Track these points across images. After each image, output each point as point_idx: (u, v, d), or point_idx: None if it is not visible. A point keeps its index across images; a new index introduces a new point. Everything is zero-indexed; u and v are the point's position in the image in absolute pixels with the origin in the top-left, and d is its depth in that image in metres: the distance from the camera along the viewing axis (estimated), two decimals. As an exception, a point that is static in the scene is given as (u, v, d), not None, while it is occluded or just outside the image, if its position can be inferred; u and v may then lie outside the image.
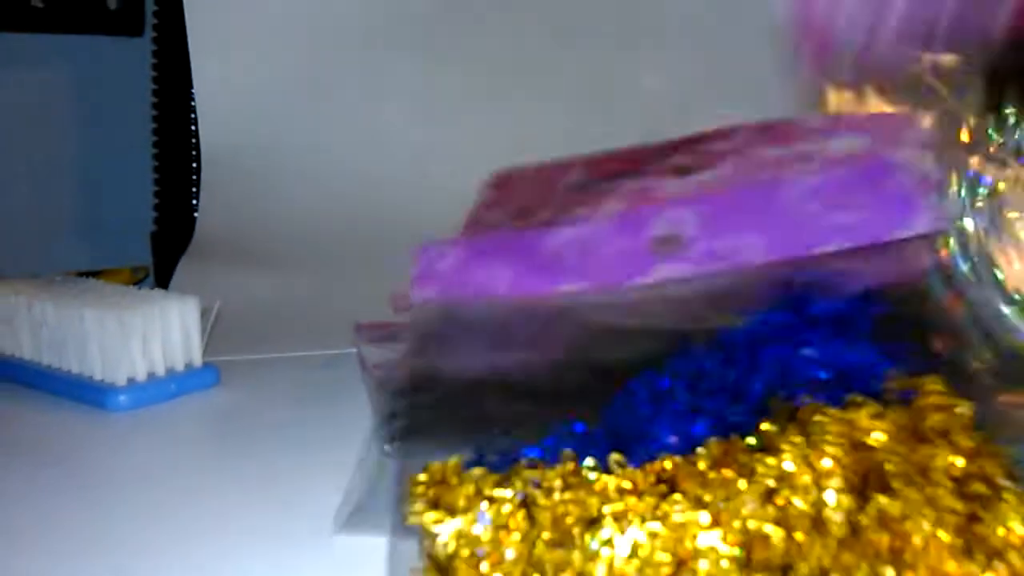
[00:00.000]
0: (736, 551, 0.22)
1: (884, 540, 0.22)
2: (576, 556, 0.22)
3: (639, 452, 0.27)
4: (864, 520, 0.22)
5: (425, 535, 0.23)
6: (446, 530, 0.23)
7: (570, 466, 0.24)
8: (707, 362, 0.29)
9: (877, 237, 0.33)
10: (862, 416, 0.25)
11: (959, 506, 0.22)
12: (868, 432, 0.24)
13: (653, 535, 0.22)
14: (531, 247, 0.37)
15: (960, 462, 0.23)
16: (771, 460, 0.23)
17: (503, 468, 0.24)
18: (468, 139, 0.71)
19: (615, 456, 0.24)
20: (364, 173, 0.70)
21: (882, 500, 0.23)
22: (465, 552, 0.23)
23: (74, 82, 0.74)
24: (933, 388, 0.26)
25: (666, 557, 0.22)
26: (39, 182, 0.73)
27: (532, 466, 0.24)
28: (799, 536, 0.22)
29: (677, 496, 0.23)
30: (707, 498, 0.23)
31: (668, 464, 0.24)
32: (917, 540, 0.22)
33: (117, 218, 0.75)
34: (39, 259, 0.71)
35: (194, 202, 0.68)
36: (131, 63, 0.72)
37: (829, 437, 0.24)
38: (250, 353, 0.47)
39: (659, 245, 0.35)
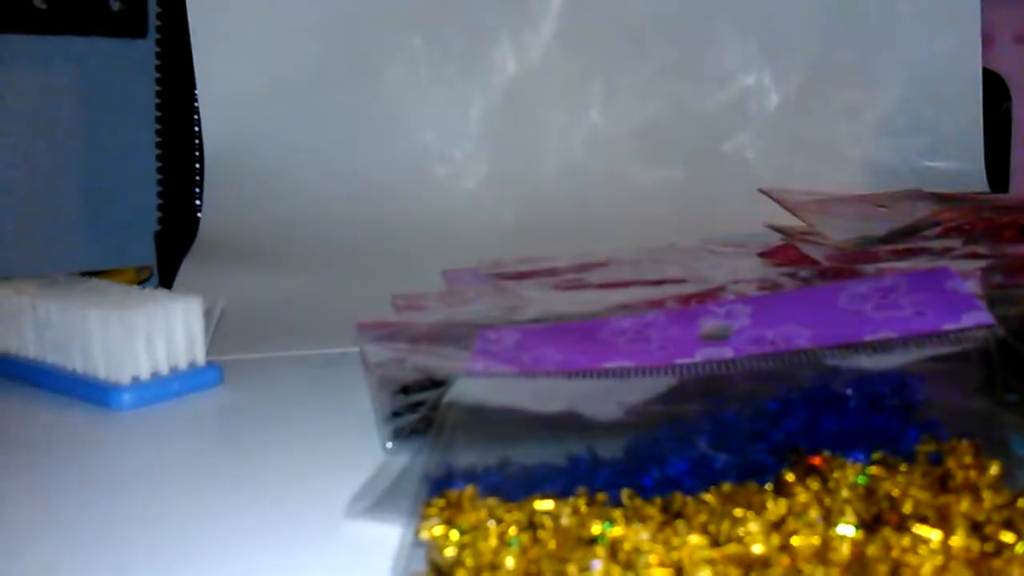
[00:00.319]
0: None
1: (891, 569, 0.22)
2: (572, 569, 0.22)
3: (653, 472, 0.27)
4: (872, 550, 0.22)
5: (432, 545, 0.24)
6: (453, 539, 0.24)
7: (582, 499, 0.24)
8: (734, 416, 0.30)
9: (927, 330, 0.34)
10: (884, 470, 0.25)
11: (975, 546, 0.22)
12: (889, 480, 0.24)
13: (650, 551, 0.22)
14: (584, 333, 0.38)
15: (983, 513, 0.23)
16: (783, 500, 0.24)
17: (518, 496, 0.25)
18: (469, 140, 0.71)
19: (626, 491, 0.25)
20: (366, 174, 0.70)
21: (889, 534, 0.22)
22: (469, 561, 0.23)
23: (78, 83, 0.74)
24: (965, 450, 0.25)
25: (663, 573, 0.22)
26: (43, 183, 0.73)
27: (545, 497, 0.24)
28: (804, 567, 0.22)
29: (680, 523, 0.23)
30: (711, 527, 0.23)
31: (678, 499, 0.24)
32: (927, 571, 0.21)
33: (121, 218, 0.75)
34: (43, 259, 0.71)
35: (197, 202, 0.68)
36: (134, 64, 0.73)
37: (846, 483, 0.24)
38: (253, 352, 0.47)
39: (708, 335, 0.37)
